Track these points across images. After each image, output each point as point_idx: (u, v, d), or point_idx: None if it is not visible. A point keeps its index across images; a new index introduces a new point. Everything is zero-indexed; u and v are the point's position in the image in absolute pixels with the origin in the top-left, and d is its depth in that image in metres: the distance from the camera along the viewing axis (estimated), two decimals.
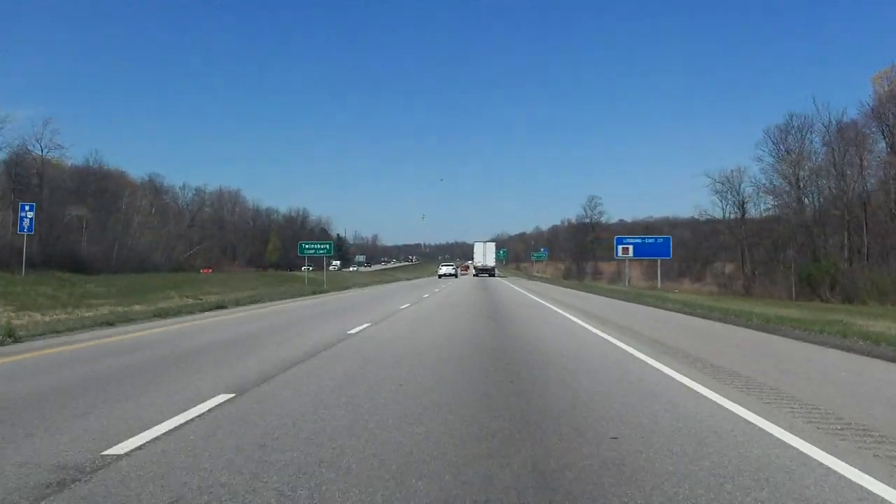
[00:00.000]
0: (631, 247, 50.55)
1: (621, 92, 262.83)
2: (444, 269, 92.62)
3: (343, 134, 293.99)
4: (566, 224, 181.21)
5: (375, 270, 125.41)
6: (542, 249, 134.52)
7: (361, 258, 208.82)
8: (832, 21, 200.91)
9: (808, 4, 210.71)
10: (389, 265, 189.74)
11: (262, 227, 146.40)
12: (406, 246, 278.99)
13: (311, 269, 68.27)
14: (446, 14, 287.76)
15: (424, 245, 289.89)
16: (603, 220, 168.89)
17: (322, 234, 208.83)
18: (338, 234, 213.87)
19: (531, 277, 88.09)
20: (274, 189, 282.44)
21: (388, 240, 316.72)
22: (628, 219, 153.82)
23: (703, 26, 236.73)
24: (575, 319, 19.42)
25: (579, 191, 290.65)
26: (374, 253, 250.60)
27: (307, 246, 49.30)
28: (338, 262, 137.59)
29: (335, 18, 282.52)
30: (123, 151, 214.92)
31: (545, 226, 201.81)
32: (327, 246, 49.38)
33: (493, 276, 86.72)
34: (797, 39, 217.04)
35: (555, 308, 23.73)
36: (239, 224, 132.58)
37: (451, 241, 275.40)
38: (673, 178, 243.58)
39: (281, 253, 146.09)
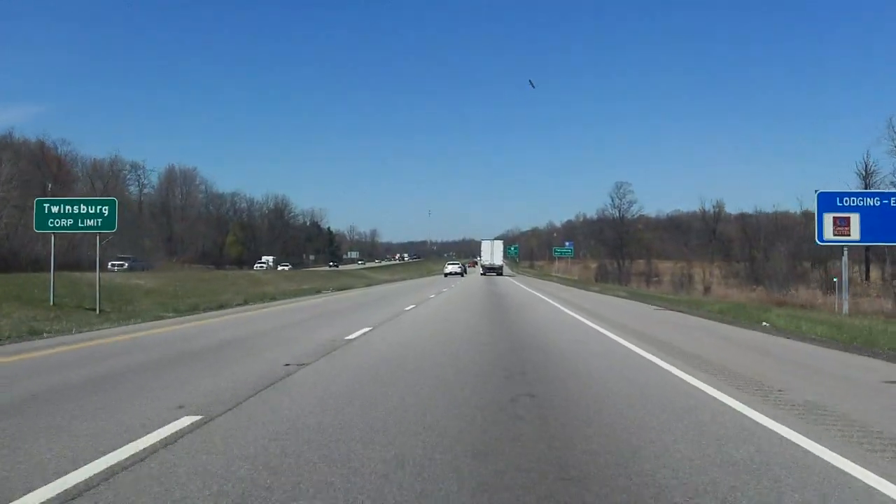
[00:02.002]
0: (855, 216, 20.09)
1: (626, 89, 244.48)
2: (450, 268, 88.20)
3: (345, 130, 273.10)
4: (581, 219, 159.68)
5: (347, 270, 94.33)
6: (566, 243, 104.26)
7: (354, 254, 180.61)
8: None
9: None
10: (370, 264, 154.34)
11: (225, 215, 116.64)
12: (412, 243, 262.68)
13: (121, 267, 38.75)
14: (448, 10, 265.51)
15: (431, 242, 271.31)
16: (633, 210, 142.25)
17: (314, 227, 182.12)
18: (328, 228, 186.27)
19: (580, 284, 57.50)
20: (271, 185, 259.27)
21: (395, 237, 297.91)
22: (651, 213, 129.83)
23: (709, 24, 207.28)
24: None
25: (592, 185, 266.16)
26: (374, 250, 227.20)
27: (50, 207, 19.08)
28: (280, 262, 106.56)
29: (337, 14, 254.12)
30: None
31: (559, 221, 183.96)
32: (102, 212, 19.01)
33: (500, 274, 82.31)
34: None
35: None
36: (188, 210, 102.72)
37: (459, 238, 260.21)
38: (685, 173, 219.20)
39: (245, 247, 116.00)
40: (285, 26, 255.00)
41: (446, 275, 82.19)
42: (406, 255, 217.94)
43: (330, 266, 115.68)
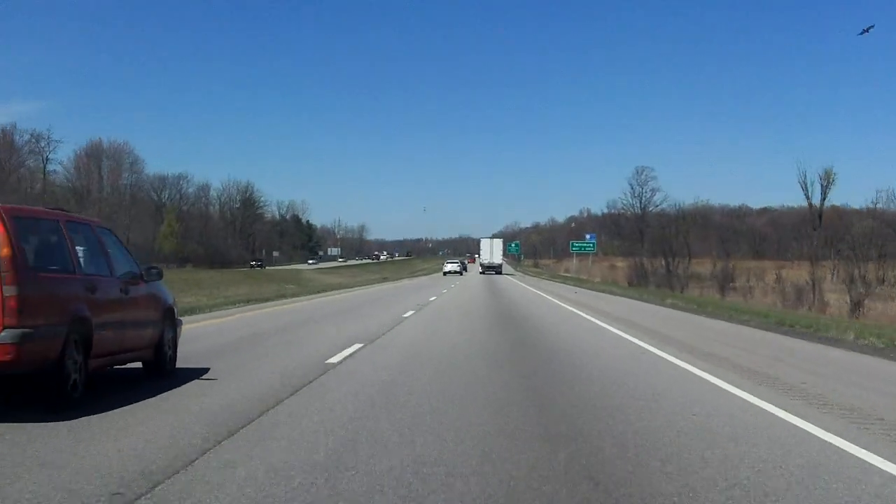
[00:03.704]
0: None
1: (624, 84, 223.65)
2: (449, 266, 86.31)
3: (339, 124, 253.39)
4: (586, 214, 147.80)
5: (287, 271, 69.25)
6: (587, 236, 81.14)
7: (335, 251, 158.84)
8: None
9: None
10: (325, 264, 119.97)
11: (165, 202, 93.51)
12: (407, 241, 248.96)
13: None
14: (447, 5, 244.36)
15: (426, 240, 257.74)
16: (656, 198, 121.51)
17: (294, 221, 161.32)
18: (307, 222, 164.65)
19: (644, 295, 33.66)
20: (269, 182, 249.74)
21: (390, 234, 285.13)
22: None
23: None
24: None
25: (594, 180, 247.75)
26: (362, 246, 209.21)
27: None
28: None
29: (327, 7, 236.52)
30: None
31: (561, 217, 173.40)
32: None
33: (499, 273, 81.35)
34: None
35: None
36: (110, 194, 79.33)
37: (456, 235, 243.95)
38: (692, 166, 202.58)
39: (192, 240, 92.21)
40: (274, 16, 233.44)
41: (445, 273, 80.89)
42: (385, 252, 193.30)
43: (252, 265, 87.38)
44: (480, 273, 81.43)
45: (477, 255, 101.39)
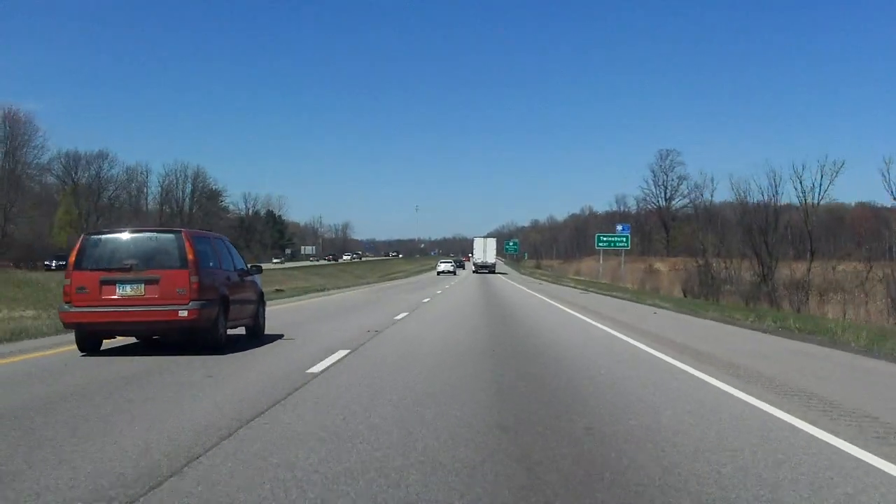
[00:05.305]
0: None
1: (619, 82, 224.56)
2: (442, 266, 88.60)
3: (339, 123, 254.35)
4: (588, 212, 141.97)
5: None
6: (620, 227, 61.06)
7: (309, 250, 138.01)
8: None
9: None
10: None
11: (71, 185, 72.71)
12: (400, 241, 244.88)
13: None
14: (447, 5, 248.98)
15: (419, 240, 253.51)
16: (683, 188, 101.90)
17: (268, 217, 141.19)
18: (280, 217, 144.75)
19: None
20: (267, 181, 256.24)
21: (384, 234, 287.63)
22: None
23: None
24: None
25: (592, 179, 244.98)
26: (346, 245, 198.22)
27: None
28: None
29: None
30: None
31: (561, 216, 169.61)
32: None
33: (492, 272, 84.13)
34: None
35: None
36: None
37: (451, 235, 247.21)
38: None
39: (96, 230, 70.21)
40: (274, 16, 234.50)
41: (439, 273, 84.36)
42: (354, 252, 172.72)
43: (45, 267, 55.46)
44: (473, 272, 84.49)
45: (470, 255, 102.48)
